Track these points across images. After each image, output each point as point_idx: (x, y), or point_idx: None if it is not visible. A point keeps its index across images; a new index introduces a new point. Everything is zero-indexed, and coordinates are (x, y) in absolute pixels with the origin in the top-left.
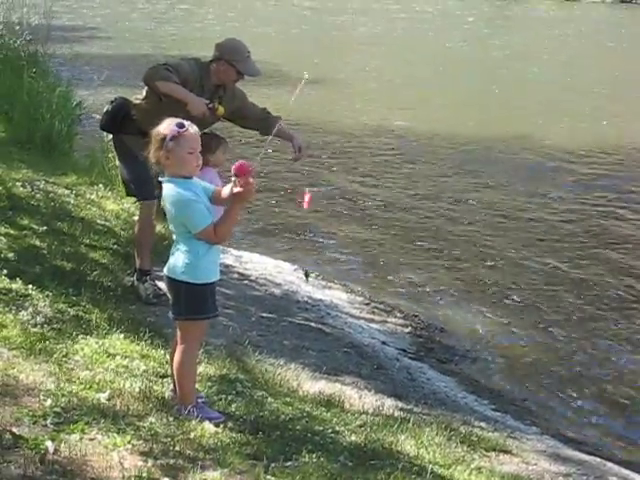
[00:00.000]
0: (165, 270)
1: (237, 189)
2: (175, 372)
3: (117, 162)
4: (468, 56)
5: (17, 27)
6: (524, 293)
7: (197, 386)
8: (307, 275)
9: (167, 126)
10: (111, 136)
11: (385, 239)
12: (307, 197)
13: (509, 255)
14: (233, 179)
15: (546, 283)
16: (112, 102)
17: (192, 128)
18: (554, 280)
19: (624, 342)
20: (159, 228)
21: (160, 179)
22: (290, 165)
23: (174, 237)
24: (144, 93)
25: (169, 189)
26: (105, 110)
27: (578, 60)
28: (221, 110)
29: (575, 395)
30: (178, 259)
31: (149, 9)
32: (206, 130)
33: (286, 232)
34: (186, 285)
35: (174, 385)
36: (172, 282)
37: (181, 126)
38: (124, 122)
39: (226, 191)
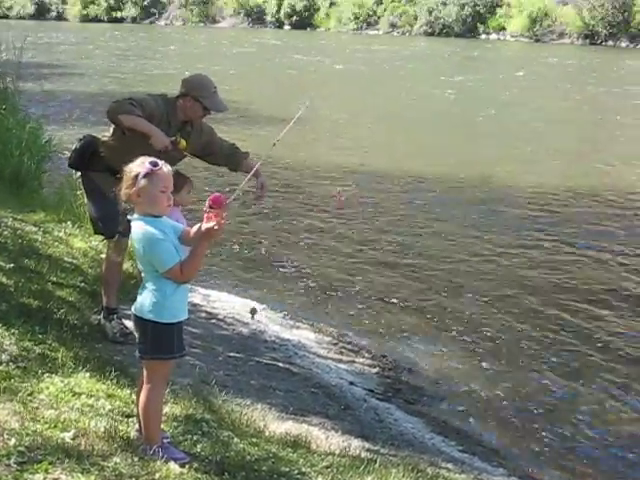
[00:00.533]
0: (132, 308)
1: (208, 225)
2: (140, 412)
3: (85, 200)
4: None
5: None
6: (493, 334)
7: (163, 426)
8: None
9: (140, 164)
10: (79, 173)
11: (354, 279)
12: (341, 196)
13: (479, 296)
14: (205, 212)
15: (516, 323)
16: (80, 140)
17: (165, 167)
18: (524, 321)
19: (595, 383)
20: (127, 266)
21: (129, 217)
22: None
23: (142, 275)
24: (111, 130)
25: (138, 227)
26: (73, 148)
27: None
28: (183, 144)
29: (543, 436)
30: (146, 298)
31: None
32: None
33: (254, 270)
34: (152, 324)
35: (139, 425)
36: (139, 320)
37: (155, 164)
38: (92, 159)
39: (194, 230)
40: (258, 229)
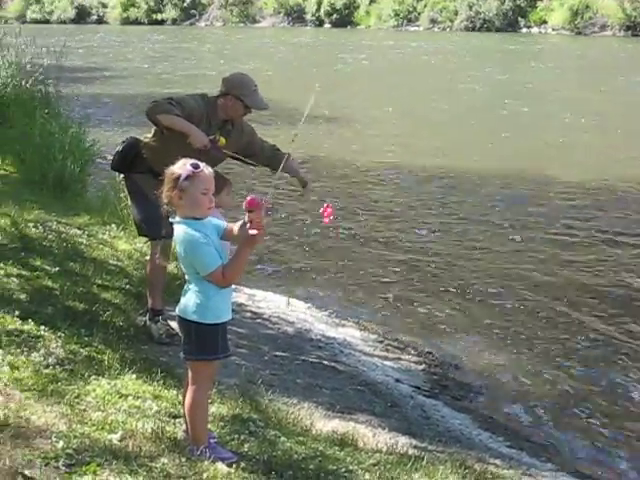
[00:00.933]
0: (177, 310)
1: (251, 231)
2: (187, 412)
3: (129, 202)
4: (472, 92)
5: (29, 68)
6: (540, 329)
7: (209, 426)
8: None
9: (182, 166)
10: (122, 176)
11: (398, 277)
12: (327, 211)
13: (525, 293)
14: (245, 217)
15: (563, 319)
16: (123, 142)
17: (207, 169)
18: (571, 317)
19: None
20: (171, 268)
21: (171, 220)
22: (300, 203)
23: (186, 277)
24: (152, 131)
25: (180, 230)
26: (116, 150)
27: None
28: (222, 141)
29: (592, 431)
30: (189, 299)
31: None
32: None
33: (299, 270)
34: (196, 325)
35: (186, 425)
36: (183, 322)
37: (196, 166)
38: (135, 161)
39: (236, 228)
40: (299, 228)
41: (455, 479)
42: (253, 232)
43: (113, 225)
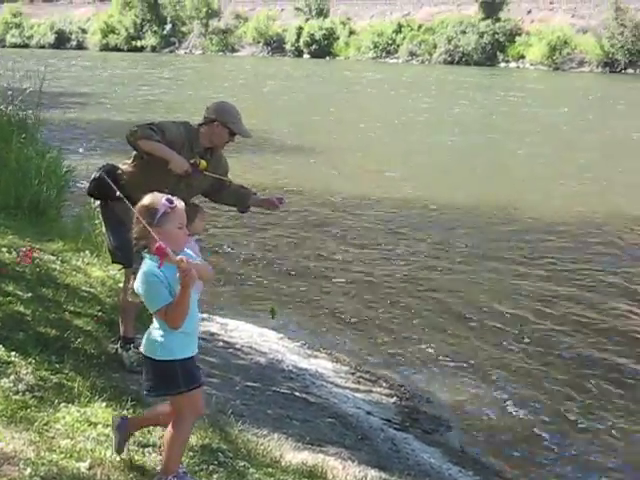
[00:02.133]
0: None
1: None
2: (165, 442)
3: (103, 229)
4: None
5: (8, 92)
6: (512, 364)
7: None
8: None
9: (156, 201)
10: (98, 202)
11: (371, 308)
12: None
13: (497, 326)
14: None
15: (536, 352)
16: (100, 168)
17: (180, 203)
18: (544, 350)
19: (615, 414)
20: None
21: (144, 254)
22: (278, 234)
23: None
24: (132, 157)
25: (147, 266)
26: (93, 177)
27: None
28: (203, 164)
29: (561, 468)
30: (148, 335)
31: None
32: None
33: (272, 300)
34: (151, 361)
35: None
36: (142, 357)
37: (171, 202)
38: (111, 188)
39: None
40: (274, 258)
41: None
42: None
43: (87, 252)
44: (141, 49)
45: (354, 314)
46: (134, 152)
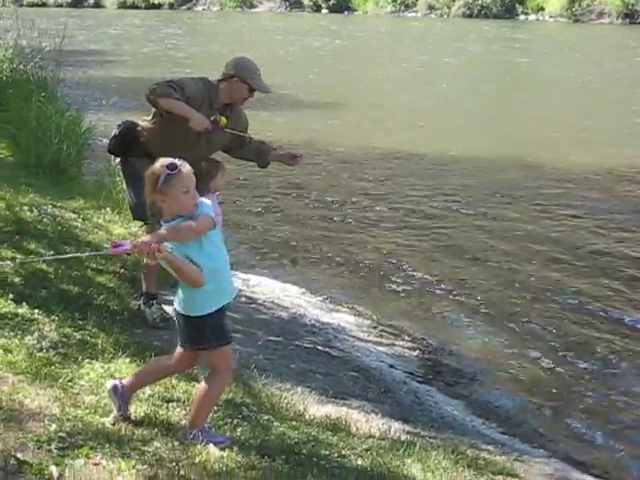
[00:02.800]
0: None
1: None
2: (196, 396)
3: (124, 186)
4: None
5: (28, 51)
6: (535, 316)
7: None
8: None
9: (159, 167)
10: (119, 159)
11: (392, 262)
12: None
13: (520, 279)
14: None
15: (558, 307)
16: (119, 125)
17: (185, 167)
18: (566, 304)
19: (636, 366)
20: None
21: (162, 222)
22: (299, 190)
23: None
24: (151, 114)
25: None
26: (113, 134)
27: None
28: (223, 121)
29: (584, 418)
30: (178, 292)
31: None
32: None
33: (294, 255)
34: (181, 317)
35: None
36: (175, 313)
37: (172, 167)
38: (132, 145)
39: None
40: (295, 214)
41: (447, 465)
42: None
43: (108, 209)
44: (159, 6)
45: (375, 268)
46: (153, 109)
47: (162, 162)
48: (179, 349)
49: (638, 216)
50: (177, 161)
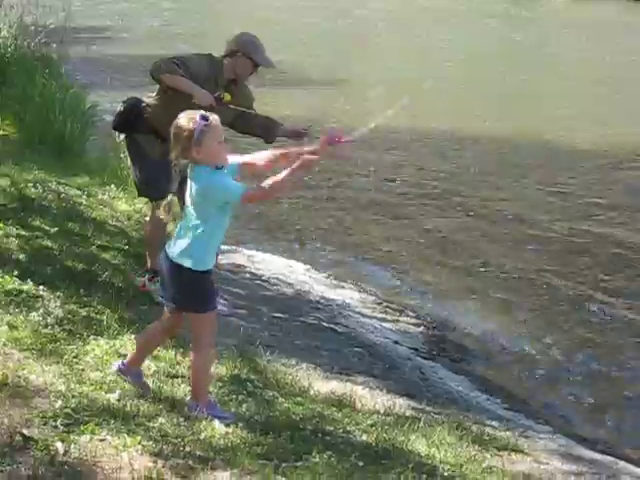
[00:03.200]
0: (170, 252)
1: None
2: (192, 368)
3: (129, 162)
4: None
5: (32, 28)
6: (539, 294)
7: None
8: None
9: (191, 119)
10: (123, 136)
11: (398, 239)
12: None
13: (526, 257)
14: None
15: (563, 282)
16: (124, 102)
17: (214, 117)
18: (571, 280)
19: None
20: (171, 228)
21: (192, 169)
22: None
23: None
24: (155, 90)
25: (202, 173)
26: (117, 110)
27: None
28: (228, 97)
29: (588, 394)
30: (188, 245)
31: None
32: None
33: (298, 232)
34: (185, 271)
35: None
36: (177, 268)
37: (206, 118)
38: (136, 121)
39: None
40: (301, 194)
41: (452, 440)
42: (312, 157)
43: (113, 186)
44: None
45: (380, 245)
46: (158, 85)
47: (190, 116)
48: (167, 311)
49: None
50: (207, 113)
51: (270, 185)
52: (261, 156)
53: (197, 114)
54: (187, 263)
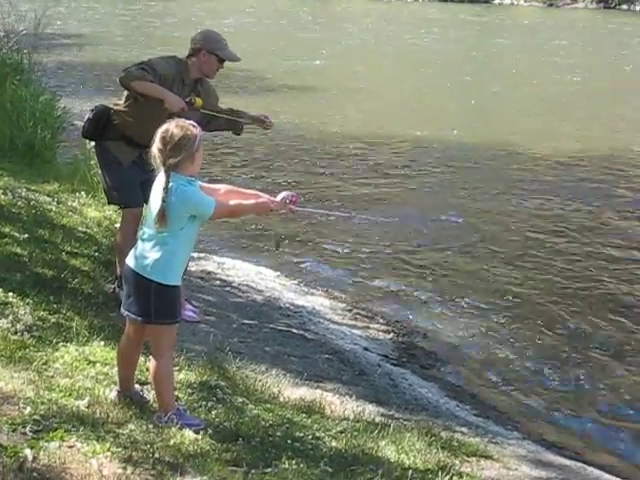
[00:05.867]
0: (132, 264)
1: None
2: (152, 381)
3: (99, 169)
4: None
5: (1, 34)
6: (508, 299)
7: (177, 393)
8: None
9: (188, 127)
10: (93, 143)
11: (367, 245)
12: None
13: (493, 262)
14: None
15: (532, 288)
16: (93, 110)
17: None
18: (541, 286)
19: (607, 349)
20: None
21: (174, 179)
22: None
23: (159, 233)
24: (123, 97)
25: (183, 181)
26: (86, 118)
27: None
28: (199, 102)
29: (558, 400)
30: (156, 257)
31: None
32: None
33: (269, 239)
34: (156, 285)
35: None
36: (141, 280)
37: (196, 126)
38: (106, 128)
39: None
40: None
41: (421, 446)
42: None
43: (82, 192)
44: None
45: (350, 252)
46: (125, 92)
47: (186, 124)
48: (130, 325)
49: None
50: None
51: (237, 205)
52: (220, 186)
53: (191, 123)
54: (157, 278)
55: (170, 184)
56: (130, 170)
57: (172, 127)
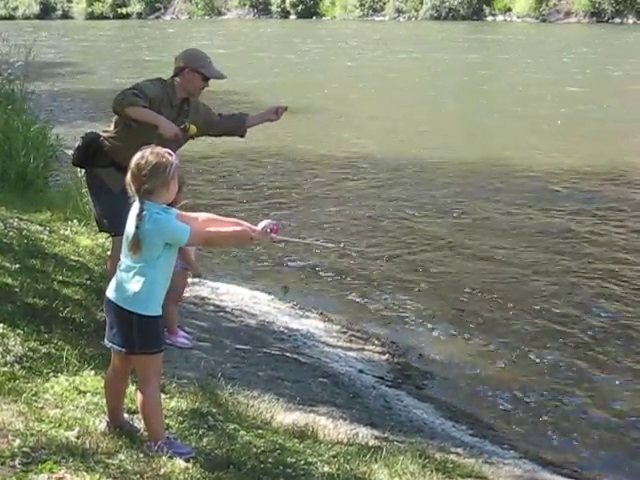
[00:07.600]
0: (112, 296)
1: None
2: (140, 410)
3: (89, 197)
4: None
5: None
6: (503, 319)
7: (168, 421)
8: (286, 290)
9: (163, 154)
10: (84, 171)
11: (361, 268)
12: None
13: (489, 281)
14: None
15: (528, 309)
16: (83, 137)
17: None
18: (537, 306)
19: (604, 366)
20: None
21: (148, 209)
22: (270, 196)
23: (128, 264)
24: (112, 123)
25: (158, 209)
26: (76, 146)
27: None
28: (193, 129)
29: (554, 419)
30: (137, 288)
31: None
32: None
33: (262, 262)
34: (137, 317)
35: (109, 415)
36: (122, 312)
37: (171, 154)
38: (96, 156)
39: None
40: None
41: (415, 469)
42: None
43: (75, 221)
44: (127, 16)
45: (344, 274)
46: (114, 118)
47: (161, 151)
48: (115, 356)
49: None
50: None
51: (214, 232)
52: (198, 215)
53: (166, 150)
54: (138, 309)
55: (144, 212)
56: (120, 197)
57: (147, 154)
